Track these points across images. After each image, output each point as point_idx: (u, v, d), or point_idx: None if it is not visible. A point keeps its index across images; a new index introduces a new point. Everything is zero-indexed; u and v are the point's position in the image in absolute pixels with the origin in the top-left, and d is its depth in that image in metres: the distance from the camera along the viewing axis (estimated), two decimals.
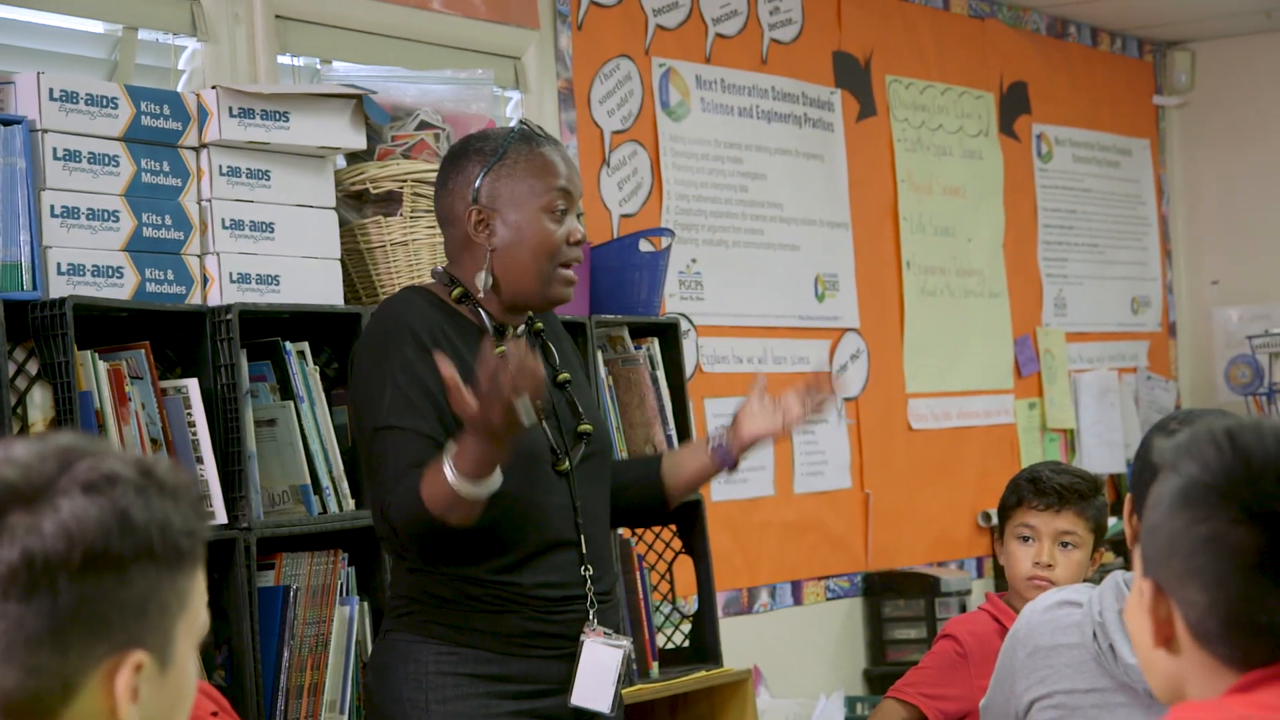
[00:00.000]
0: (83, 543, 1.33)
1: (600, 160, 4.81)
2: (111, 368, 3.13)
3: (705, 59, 5.16)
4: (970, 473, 5.93)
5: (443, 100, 3.87)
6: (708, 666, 4.09)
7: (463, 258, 2.87)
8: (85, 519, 1.33)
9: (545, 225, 2.83)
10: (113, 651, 1.35)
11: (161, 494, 1.38)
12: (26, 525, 1.33)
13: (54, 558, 1.32)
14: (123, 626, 1.35)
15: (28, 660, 1.33)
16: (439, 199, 2.91)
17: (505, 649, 2.76)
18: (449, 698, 2.73)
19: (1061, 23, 6.63)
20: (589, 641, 2.80)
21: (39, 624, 1.33)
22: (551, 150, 2.88)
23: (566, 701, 2.80)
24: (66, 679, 1.34)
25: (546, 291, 2.85)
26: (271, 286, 3.47)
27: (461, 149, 2.90)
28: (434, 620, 2.76)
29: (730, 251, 5.18)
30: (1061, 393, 6.37)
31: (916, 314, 5.82)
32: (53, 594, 1.32)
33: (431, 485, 2.63)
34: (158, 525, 1.37)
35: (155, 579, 1.37)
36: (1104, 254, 6.75)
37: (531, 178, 2.84)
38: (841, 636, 5.42)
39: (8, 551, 1.32)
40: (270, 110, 3.46)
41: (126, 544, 1.35)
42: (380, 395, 2.73)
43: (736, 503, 5.08)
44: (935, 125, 5.99)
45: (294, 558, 3.39)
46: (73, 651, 1.34)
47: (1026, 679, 2.59)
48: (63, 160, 3.18)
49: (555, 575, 2.80)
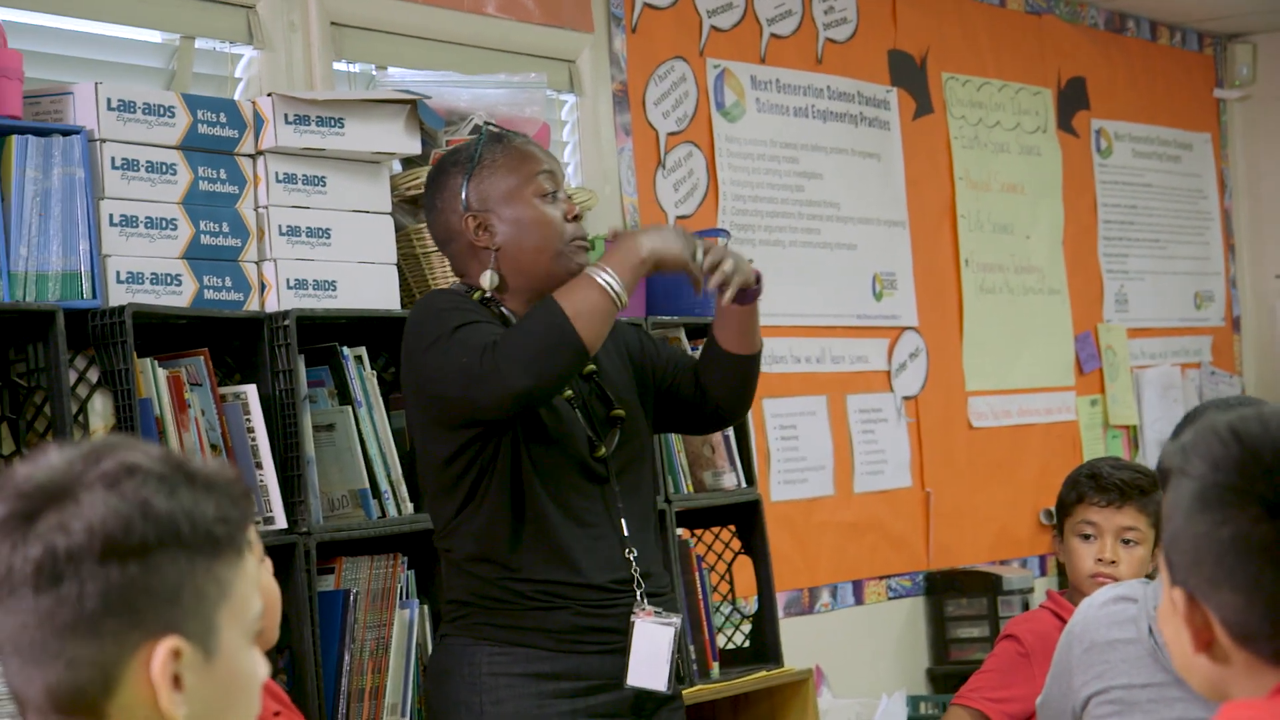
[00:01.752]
0: (101, 532, 1.36)
1: (655, 162, 4.81)
2: (171, 375, 3.15)
3: (760, 59, 5.15)
4: (1031, 470, 5.90)
5: (497, 104, 3.88)
6: (768, 666, 4.09)
7: (470, 268, 2.91)
8: (105, 510, 1.36)
9: (540, 208, 2.88)
10: (147, 638, 1.37)
11: (190, 484, 1.40)
12: (52, 523, 1.36)
13: (75, 548, 1.36)
14: (155, 613, 1.37)
15: (63, 652, 1.36)
16: (433, 224, 2.95)
17: (556, 646, 2.77)
18: (503, 699, 2.75)
19: (1120, 17, 6.59)
20: (639, 622, 2.80)
21: (68, 614, 1.36)
22: (524, 142, 2.94)
23: (620, 696, 2.80)
24: (105, 669, 1.36)
25: (563, 266, 2.87)
26: (328, 292, 3.49)
27: (437, 170, 2.95)
28: (486, 622, 2.77)
29: (787, 251, 5.17)
30: (1124, 389, 6.33)
31: (975, 312, 5.79)
32: (78, 583, 1.35)
33: (568, 288, 2.74)
34: (184, 513, 1.38)
35: (187, 566, 1.38)
36: (1165, 249, 6.70)
37: (512, 170, 2.89)
38: (903, 636, 5.41)
39: (33, 549, 1.36)
40: (326, 117, 3.48)
41: (148, 531, 1.37)
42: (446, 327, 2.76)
43: (796, 503, 5.07)
44: (993, 122, 5.96)
45: (353, 562, 3.40)
46: (106, 640, 1.36)
47: (1083, 674, 2.58)
48: (121, 169, 3.21)
49: (601, 564, 2.81)
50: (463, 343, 2.72)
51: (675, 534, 3.97)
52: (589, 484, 2.83)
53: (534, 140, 2.98)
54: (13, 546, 1.37)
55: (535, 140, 2.99)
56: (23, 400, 3.03)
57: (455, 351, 2.72)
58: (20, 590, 1.36)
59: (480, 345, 2.70)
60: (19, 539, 1.37)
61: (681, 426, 3.22)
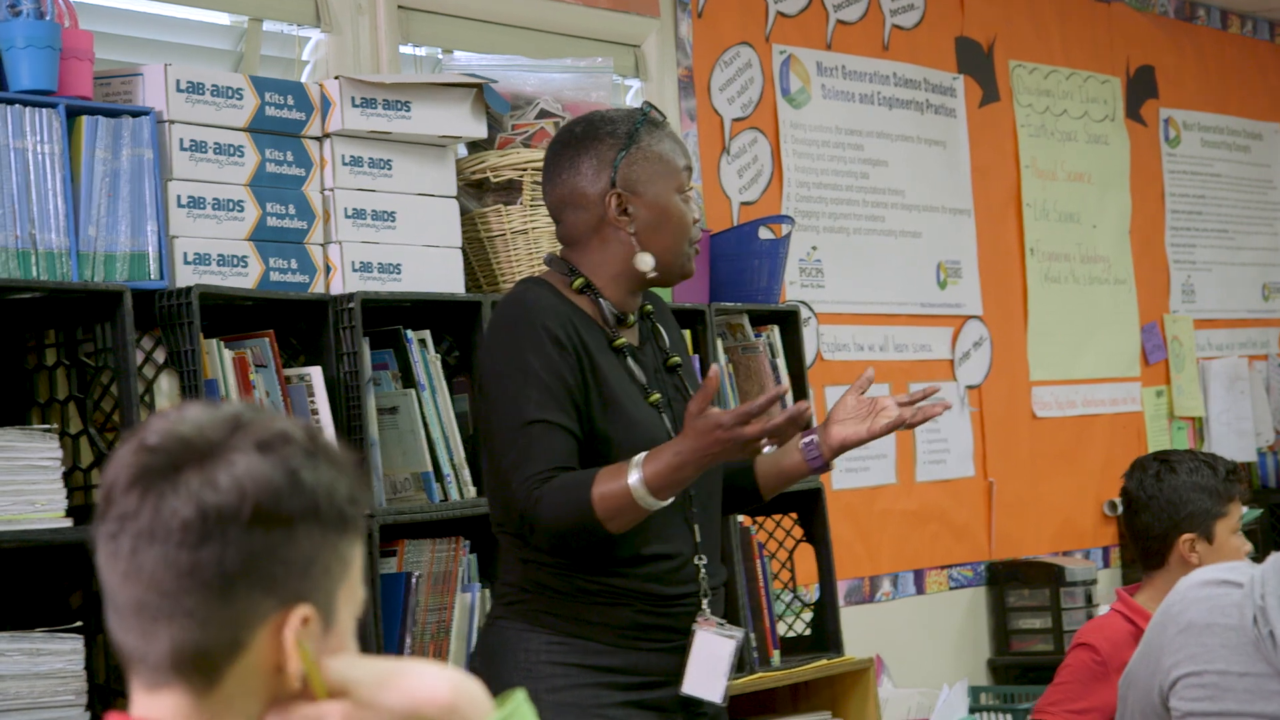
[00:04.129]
0: (254, 497, 1.37)
1: (720, 148, 4.80)
2: (236, 356, 3.16)
3: (826, 46, 5.13)
4: (1095, 461, 5.86)
5: (563, 89, 3.88)
6: (829, 655, 4.07)
7: (590, 242, 2.84)
8: (258, 475, 1.38)
9: (681, 206, 2.85)
10: (279, 607, 1.39)
11: (329, 460, 1.42)
12: (201, 479, 1.37)
13: (226, 510, 1.37)
14: (287, 582, 1.39)
15: (197, 609, 1.37)
16: (563, 182, 2.85)
17: (616, 641, 2.75)
18: (559, 687, 2.73)
19: (1190, 5, 6.53)
20: (701, 631, 2.79)
21: (208, 573, 1.37)
22: (673, 134, 2.91)
23: (675, 692, 2.79)
24: (234, 632, 1.38)
25: (681, 266, 2.86)
26: (393, 275, 3.49)
27: (588, 132, 2.85)
28: (545, 610, 2.75)
29: (851, 239, 5.15)
30: (1190, 380, 6.28)
31: (1040, 301, 5.76)
32: (223, 544, 1.37)
33: (607, 487, 2.64)
34: (324, 489, 1.41)
35: (320, 540, 1.41)
36: (1233, 239, 6.64)
37: (665, 160, 2.84)
38: (965, 626, 5.38)
39: (183, 505, 1.37)
40: (392, 100, 3.49)
41: (295, 502, 1.39)
42: (523, 389, 2.70)
43: (858, 491, 5.06)
44: (1060, 110, 5.92)
45: (416, 545, 3.41)
46: (240, 603, 1.37)
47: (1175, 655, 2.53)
48: (189, 151, 3.22)
49: (669, 566, 2.79)
50: (526, 455, 2.69)
51: (737, 521, 3.97)
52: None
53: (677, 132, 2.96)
54: (159, 497, 1.37)
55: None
56: (90, 380, 3.05)
57: (521, 450, 2.70)
58: (161, 542, 1.37)
59: (535, 474, 2.68)
60: (165, 490, 1.37)
61: None
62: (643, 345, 2.89)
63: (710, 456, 2.62)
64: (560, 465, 2.68)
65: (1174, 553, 3.51)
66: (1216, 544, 3.49)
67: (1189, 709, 2.54)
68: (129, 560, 1.38)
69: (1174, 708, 2.56)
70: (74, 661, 2.83)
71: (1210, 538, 3.49)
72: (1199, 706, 2.52)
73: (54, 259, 2.98)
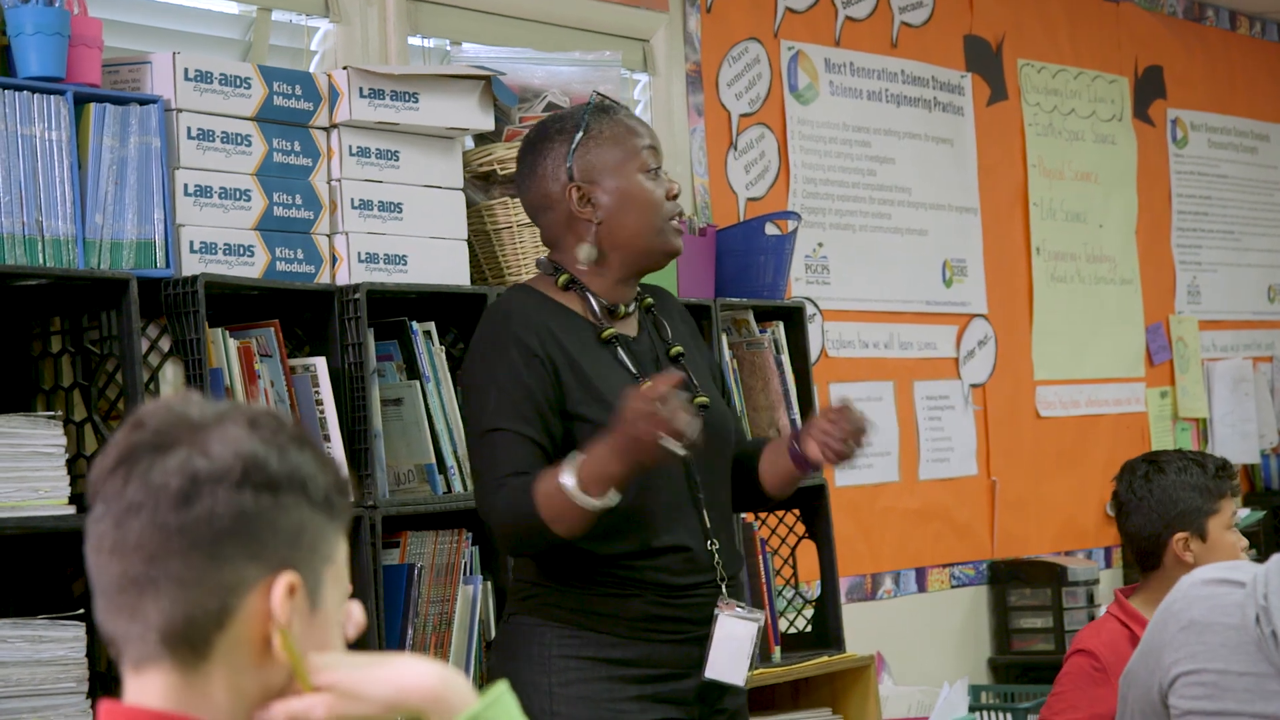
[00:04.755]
0: (242, 459, 1.40)
1: (727, 143, 4.80)
2: (241, 345, 3.17)
3: (835, 42, 5.12)
4: (1099, 461, 5.85)
5: (571, 82, 3.88)
6: (830, 652, 4.07)
7: (566, 240, 2.86)
8: (248, 445, 1.41)
9: (644, 184, 2.84)
10: (266, 573, 1.40)
11: (315, 451, 1.45)
12: (191, 450, 1.39)
13: (215, 471, 1.39)
14: (276, 549, 1.40)
15: (185, 573, 1.38)
16: (529, 188, 2.88)
17: (628, 633, 2.75)
18: (572, 680, 2.73)
19: (1199, 6, 6.52)
20: (723, 615, 2.79)
21: (197, 534, 1.38)
22: (628, 115, 2.90)
23: (692, 685, 2.79)
24: (222, 597, 1.39)
25: (662, 244, 2.85)
26: (399, 266, 3.49)
27: (539, 134, 2.89)
28: (557, 604, 2.75)
29: (857, 236, 5.15)
30: (1194, 381, 6.28)
31: (1046, 300, 5.75)
32: (212, 502, 1.38)
33: (545, 487, 2.65)
34: (311, 470, 1.43)
35: (309, 515, 1.42)
36: (1240, 241, 6.63)
37: (619, 143, 2.84)
38: (966, 625, 5.38)
39: (173, 473, 1.39)
40: (400, 91, 3.48)
41: (283, 474, 1.41)
42: (485, 398, 2.74)
43: (861, 488, 5.05)
44: (1068, 110, 5.91)
45: (418, 536, 3.41)
46: (228, 566, 1.38)
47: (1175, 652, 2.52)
48: (196, 139, 3.22)
49: (681, 556, 2.78)
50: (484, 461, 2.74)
51: (739, 516, 3.97)
52: (672, 472, 2.79)
53: (636, 114, 2.93)
54: (146, 469, 1.39)
55: (638, 116, 2.95)
56: (95, 368, 3.05)
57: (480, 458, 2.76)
58: (149, 509, 1.38)
59: (492, 480, 2.70)
60: (153, 463, 1.39)
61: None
62: (641, 336, 2.89)
63: (624, 451, 2.58)
64: (516, 471, 2.69)
65: (1168, 553, 3.51)
66: (1210, 541, 3.49)
67: (1188, 707, 2.54)
68: (114, 535, 1.39)
69: (1173, 706, 2.56)
70: (75, 649, 2.83)
71: (1203, 535, 3.49)
72: (1198, 705, 2.51)
73: (60, 246, 2.99)
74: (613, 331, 2.82)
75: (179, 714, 1.38)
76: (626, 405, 2.58)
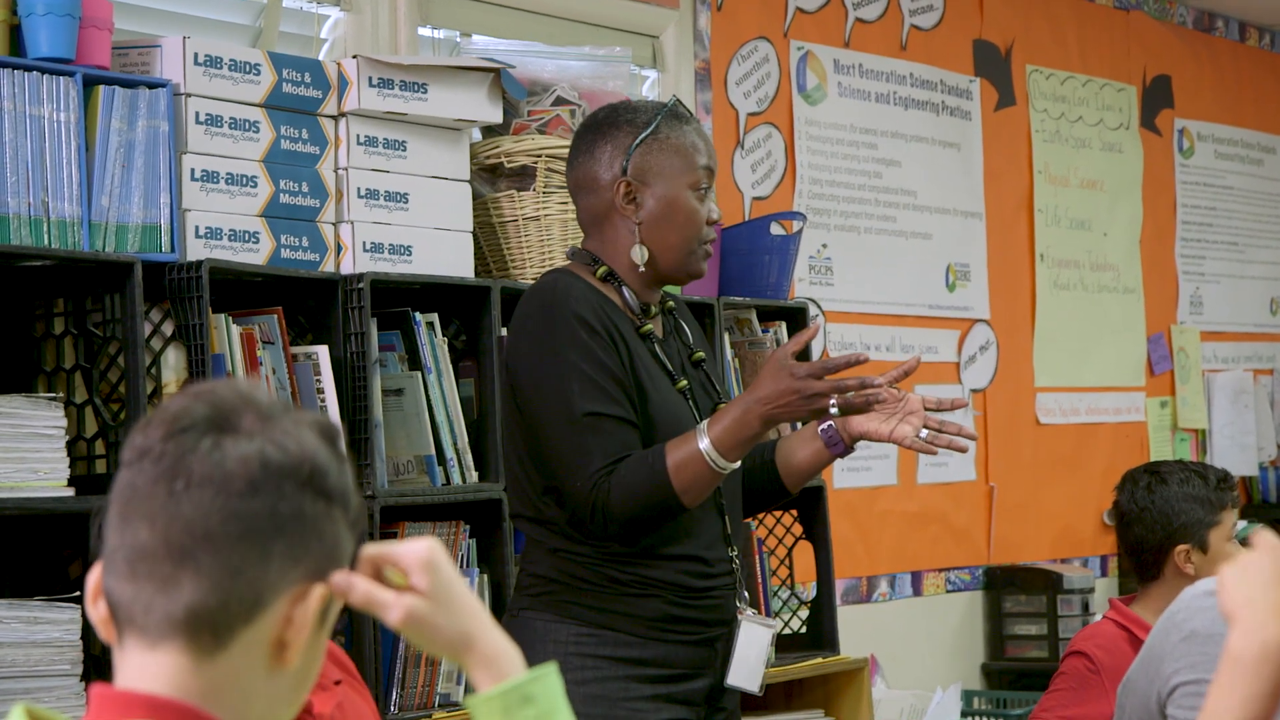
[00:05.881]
0: (312, 462, 1.40)
1: (734, 142, 4.79)
2: (244, 332, 3.16)
3: (844, 43, 5.12)
4: (1097, 469, 5.85)
5: (580, 77, 3.87)
6: (824, 654, 4.07)
7: (601, 228, 2.84)
8: (318, 450, 1.41)
9: (692, 202, 2.82)
10: (304, 579, 1.40)
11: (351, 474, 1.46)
12: (265, 438, 1.39)
13: (287, 466, 1.39)
14: (317, 558, 1.41)
15: (232, 559, 1.37)
16: (579, 166, 2.85)
17: (645, 633, 2.74)
18: (588, 679, 2.71)
19: (1209, 16, 6.51)
20: (745, 622, 2.79)
21: (255, 524, 1.37)
22: (697, 130, 2.87)
23: (703, 685, 2.78)
24: (259, 592, 1.38)
25: (690, 266, 2.84)
26: (404, 257, 3.49)
27: (610, 118, 2.85)
28: (574, 601, 2.73)
29: (862, 238, 5.15)
30: (1194, 392, 6.27)
31: (1048, 307, 5.75)
32: (277, 498, 1.38)
33: (678, 457, 2.65)
34: (351, 490, 1.45)
35: (344, 533, 1.43)
36: (1243, 253, 6.63)
37: (682, 154, 2.82)
38: (960, 630, 5.38)
39: (247, 451, 1.38)
40: (409, 81, 3.48)
41: (337, 485, 1.42)
42: (568, 383, 2.69)
43: (858, 490, 5.05)
44: (1075, 117, 5.91)
45: (416, 527, 3.41)
46: (273, 563, 1.38)
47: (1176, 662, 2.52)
48: (204, 124, 3.22)
49: (703, 558, 2.77)
50: (585, 449, 2.68)
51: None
52: None
53: (704, 130, 2.90)
54: (217, 442, 1.38)
55: (705, 132, 2.91)
56: (97, 350, 3.05)
57: (578, 446, 2.69)
58: (215, 486, 1.37)
59: (600, 465, 2.66)
60: (226, 437, 1.38)
61: None
62: (667, 338, 2.88)
63: (775, 407, 2.62)
64: (621, 455, 2.68)
65: (1169, 564, 3.50)
66: (1211, 553, 3.49)
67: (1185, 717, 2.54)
68: (166, 499, 1.36)
69: (1171, 715, 2.56)
70: (71, 631, 2.83)
71: (1205, 547, 3.49)
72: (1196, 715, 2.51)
73: (66, 228, 2.98)
74: (650, 328, 2.82)
75: (178, 700, 1.36)
76: (785, 369, 2.61)
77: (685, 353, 2.90)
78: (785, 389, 2.62)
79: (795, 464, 2.92)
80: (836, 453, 2.88)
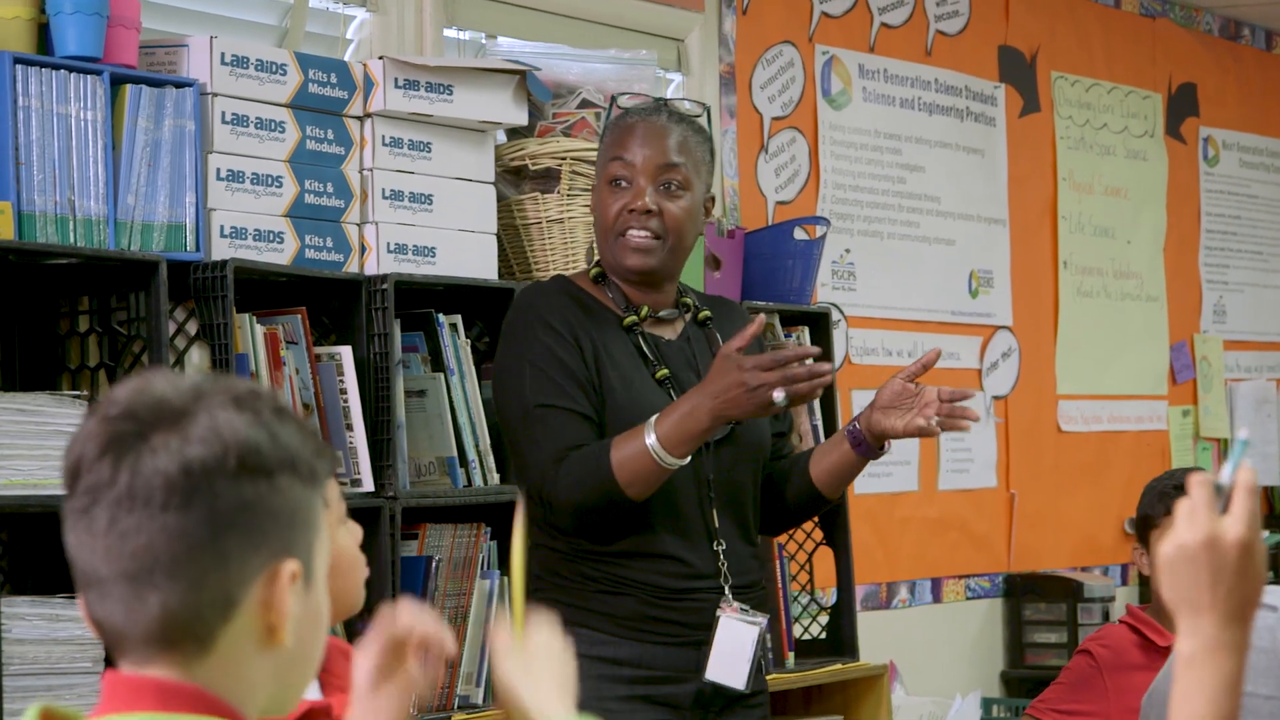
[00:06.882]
0: (235, 446, 1.35)
1: (759, 146, 4.79)
2: (268, 331, 3.17)
3: (869, 48, 5.11)
4: (1119, 478, 5.84)
5: (605, 79, 3.87)
6: (844, 659, 4.07)
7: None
8: (236, 427, 1.36)
9: (602, 195, 2.86)
10: (269, 561, 1.37)
11: (293, 418, 1.41)
12: (178, 438, 1.34)
13: (210, 462, 1.34)
14: (276, 535, 1.37)
15: (190, 572, 1.34)
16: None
17: (619, 631, 2.74)
18: None
19: (1235, 24, 6.49)
20: (724, 618, 2.77)
21: (199, 532, 1.34)
22: (636, 120, 2.85)
23: (683, 690, 2.77)
24: (228, 591, 1.36)
25: (612, 257, 2.85)
26: (427, 258, 3.49)
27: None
28: (550, 598, 2.73)
29: (885, 243, 5.14)
30: (1217, 401, 6.26)
31: (1071, 314, 5.74)
32: (211, 498, 1.34)
33: (624, 451, 2.66)
34: (296, 442, 1.39)
35: (300, 493, 1.39)
36: (1267, 262, 6.61)
37: (602, 149, 2.88)
38: (980, 637, 5.37)
39: (165, 464, 1.33)
40: (435, 83, 3.48)
41: (273, 453, 1.37)
42: (521, 379, 2.75)
43: (879, 496, 5.04)
44: (1100, 124, 5.89)
45: (437, 529, 3.41)
46: (232, 561, 1.35)
47: None
48: (230, 124, 3.22)
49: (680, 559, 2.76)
50: (534, 440, 2.73)
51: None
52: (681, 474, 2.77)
53: (652, 118, 2.85)
54: (135, 461, 1.34)
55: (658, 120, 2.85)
56: (121, 349, 3.06)
57: (529, 437, 2.75)
58: (144, 506, 1.33)
59: (548, 456, 2.71)
60: (140, 453, 1.34)
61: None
62: (677, 341, 2.87)
63: (722, 401, 2.61)
64: (570, 444, 2.70)
65: None
66: None
67: None
68: (108, 533, 1.34)
69: None
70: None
71: None
72: None
73: (92, 226, 2.99)
74: (633, 319, 2.83)
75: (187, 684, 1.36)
76: (733, 362, 2.60)
77: (700, 360, 2.88)
78: (731, 382, 2.61)
79: (825, 467, 2.91)
80: (861, 453, 2.86)
